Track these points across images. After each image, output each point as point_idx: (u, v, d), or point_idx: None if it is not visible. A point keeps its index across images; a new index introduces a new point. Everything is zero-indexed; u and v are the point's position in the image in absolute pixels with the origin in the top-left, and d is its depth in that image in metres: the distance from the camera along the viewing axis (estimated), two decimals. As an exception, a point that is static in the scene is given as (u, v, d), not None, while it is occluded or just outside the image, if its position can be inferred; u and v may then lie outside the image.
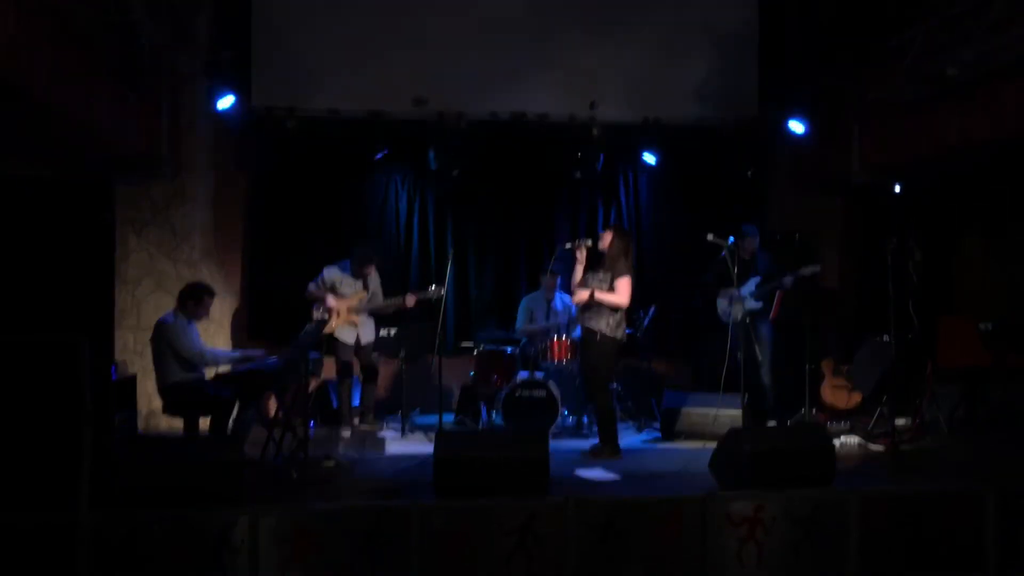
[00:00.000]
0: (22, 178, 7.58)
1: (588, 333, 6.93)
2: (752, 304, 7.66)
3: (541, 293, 8.52)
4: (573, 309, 7.74)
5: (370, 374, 8.09)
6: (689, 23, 8.90)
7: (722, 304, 7.97)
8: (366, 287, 8.00)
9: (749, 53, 9.00)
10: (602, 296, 6.83)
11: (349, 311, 7.89)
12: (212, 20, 8.32)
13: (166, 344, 6.50)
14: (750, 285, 7.71)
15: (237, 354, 6.89)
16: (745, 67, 9.00)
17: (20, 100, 5.41)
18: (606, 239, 7.03)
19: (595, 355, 6.92)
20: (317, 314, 7.77)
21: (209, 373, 6.79)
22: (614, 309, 6.87)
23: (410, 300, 7.88)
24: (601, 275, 6.95)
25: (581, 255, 7.08)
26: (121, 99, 6.88)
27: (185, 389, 6.48)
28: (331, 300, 7.83)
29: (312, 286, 7.93)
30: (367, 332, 7.96)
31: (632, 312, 8.42)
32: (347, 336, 7.90)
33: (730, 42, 8.94)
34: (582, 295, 6.93)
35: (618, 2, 8.86)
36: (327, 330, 7.77)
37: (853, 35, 8.43)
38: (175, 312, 6.68)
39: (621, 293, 6.86)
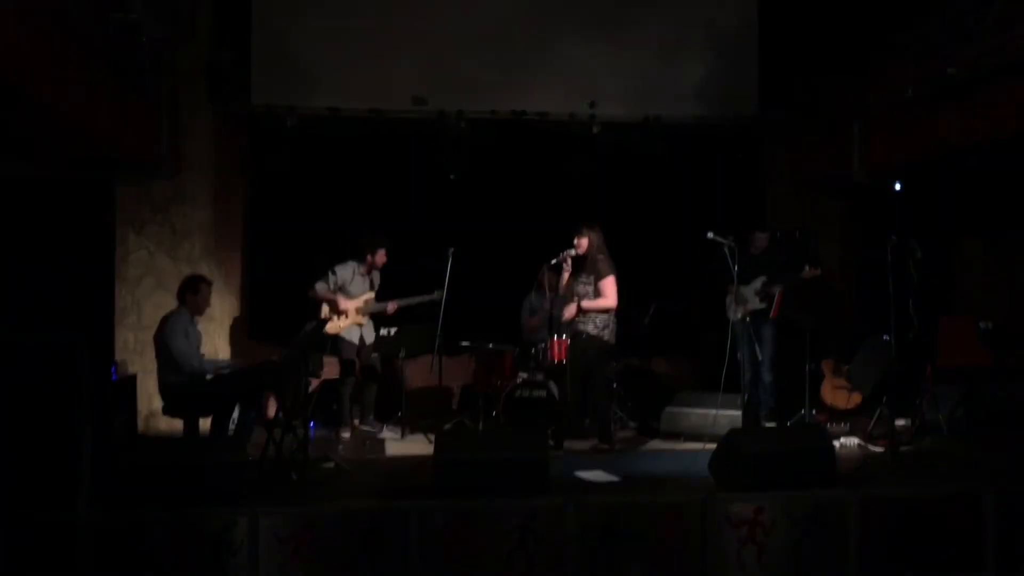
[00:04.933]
0: (22, 178, 7.59)
1: (577, 335, 6.97)
2: (756, 304, 7.65)
3: (542, 292, 8.51)
4: None
5: (370, 375, 8.08)
6: (689, 22, 8.91)
7: (729, 301, 7.96)
8: (372, 287, 8.00)
9: (749, 52, 9.01)
10: (590, 304, 6.91)
11: (357, 311, 7.89)
12: (212, 20, 8.32)
13: (163, 340, 6.50)
14: (756, 284, 7.69)
15: (225, 363, 6.88)
16: (745, 66, 9.01)
17: (20, 100, 5.40)
18: (583, 242, 7.08)
19: (589, 355, 6.93)
20: (325, 314, 7.81)
21: (205, 373, 6.78)
22: (604, 310, 6.91)
23: (391, 307, 7.86)
24: (584, 277, 7.00)
25: (568, 265, 7.15)
26: (121, 99, 6.87)
27: (185, 389, 6.47)
28: (343, 301, 7.83)
29: (321, 286, 7.87)
30: (370, 332, 7.97)
31: (632, 311, 8.44)
32: (353, 336, 7.89)
33: (730, 41, 8.95)
34: (570, 311, 6.97)
35: (618, 1, 8.86)
36: (333, 330, 7.76)
37: (853, 35, 8.43)
38: (179, 309, 6.67)
39: (608, 296, 6.91)
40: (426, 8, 8.64)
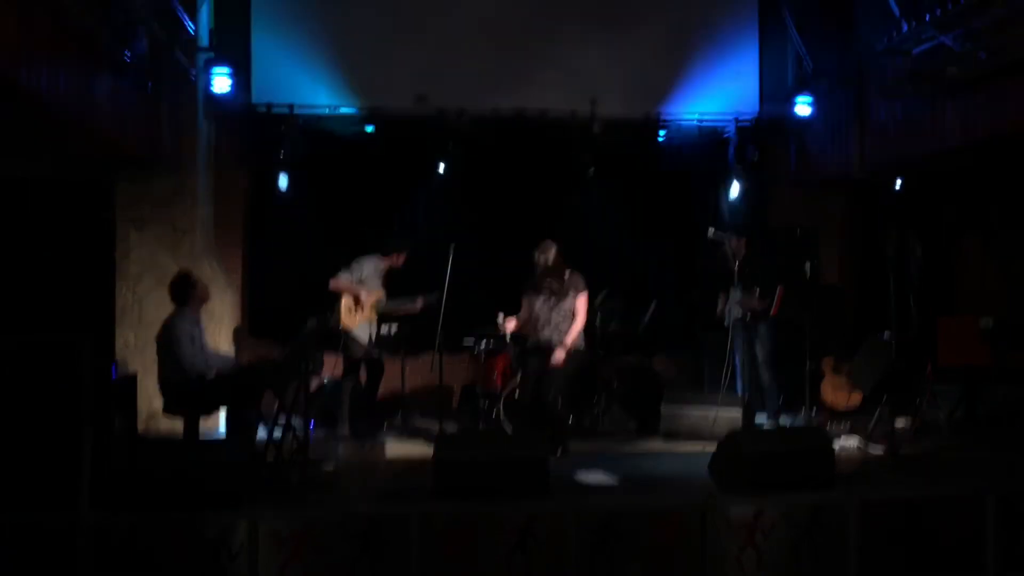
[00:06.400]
0: (22, 178, 7.57)
1: (547, 345, 6.93)
2: (738, 312, 7.55)
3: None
4: None
5: (374, 371, 8.06)
6: (690, 21, 8.92)
7: (721, 304, 7.93)
8: (384, 286, 7.99)
9: (750, 51, 9.01)
10: (571, 338, 6.84)
11: (371, 307, 7.87)
12: (212, 19, 8.31)
13: (167, 343, 6.49)
14: (736, 294, 7.64)
15: (230, 359, 6.87)
16: (746, 64, 9.02)
17: (20, 100, 5.39)
18: (550, 253, 6.97)
19: (569, 364, 6.93)
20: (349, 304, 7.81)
21: (210, 372, 6.78)
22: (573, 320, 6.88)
23: (419, 303, 7.84)
24: (555, 286, 6.90)
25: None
26: (121, 98, 6.86)
27: (186, 388, 6.46)
28: (364, 294, 7.81)
29: (345, 276, 7.80)
30: (373, 331, 7.95)
31: (632, 310, 8.44)
32: (363, 334, 7.85)
33: (731, 39, 8.96)
34: (559, 357, 6.85)
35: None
36: (349, 324, 7.74)
37: (853, 34, 8.41)
38: (180, 311, 6.63)
39: (581, 314, 6.87)
40: (426, 7, 8.64)
